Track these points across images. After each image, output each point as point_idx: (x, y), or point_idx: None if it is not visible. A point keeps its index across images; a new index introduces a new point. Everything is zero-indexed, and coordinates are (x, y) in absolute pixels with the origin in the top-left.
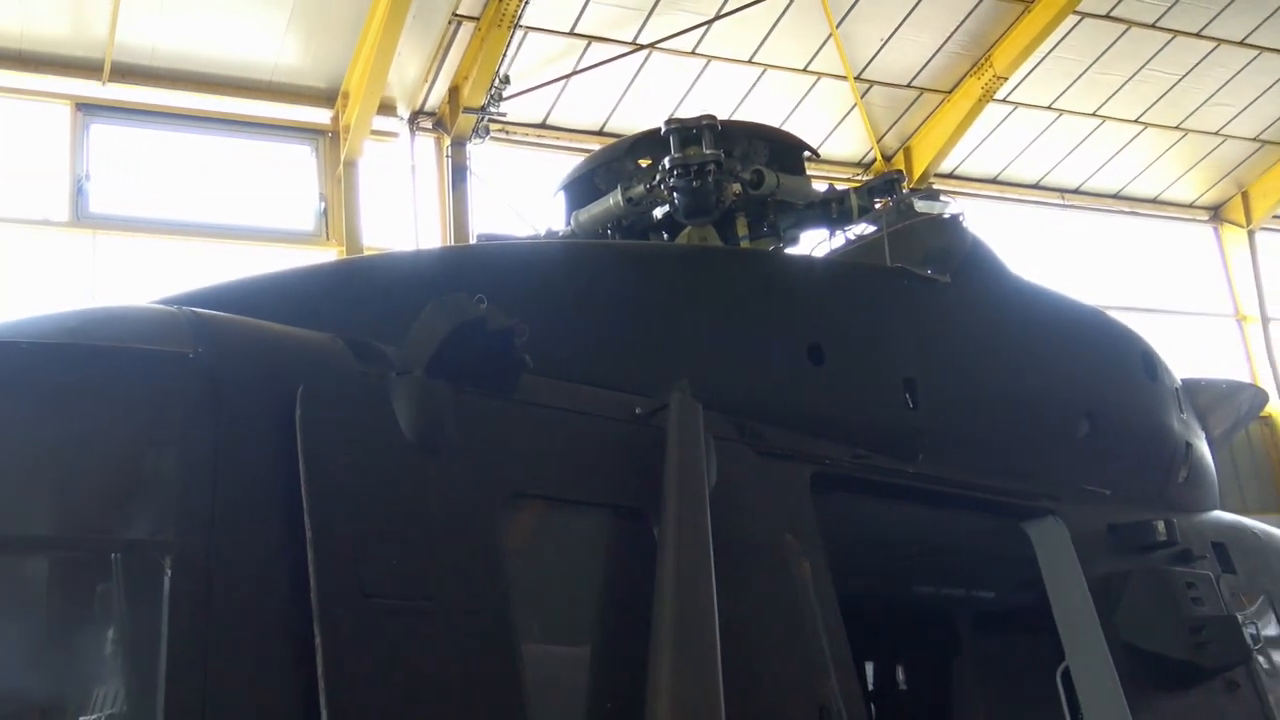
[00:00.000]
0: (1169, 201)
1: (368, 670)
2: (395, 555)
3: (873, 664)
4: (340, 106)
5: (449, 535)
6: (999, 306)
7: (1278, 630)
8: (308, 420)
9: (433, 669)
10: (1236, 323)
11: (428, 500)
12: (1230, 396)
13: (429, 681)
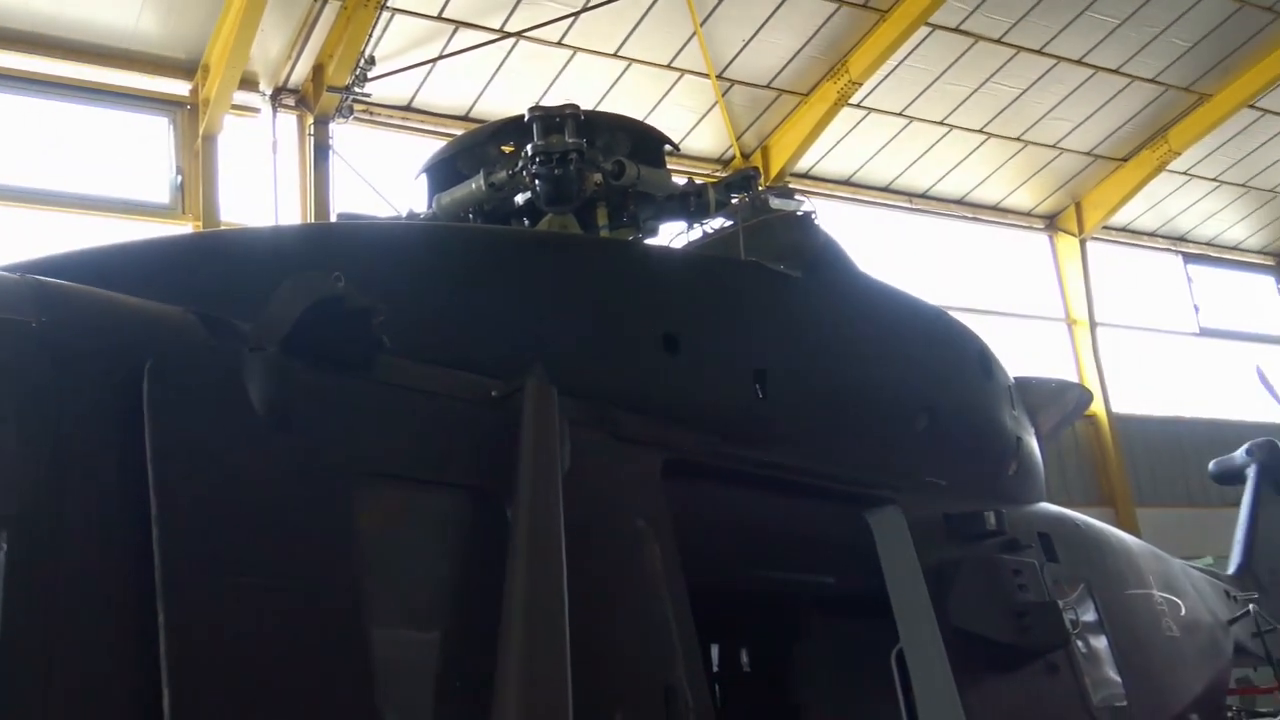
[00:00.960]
0: (1008, 209)
1: (212, 648)
2: (242, 533)
3: (718, 647)
4: (200, 79)
5: (299, 514)
6: (848, 303)
7: (1095, 616)
8: (155, 394)
9: (278, 647)
10: (1067, 326)
11: (278, 479)
12: (1059, 395)
13: (274, 659)
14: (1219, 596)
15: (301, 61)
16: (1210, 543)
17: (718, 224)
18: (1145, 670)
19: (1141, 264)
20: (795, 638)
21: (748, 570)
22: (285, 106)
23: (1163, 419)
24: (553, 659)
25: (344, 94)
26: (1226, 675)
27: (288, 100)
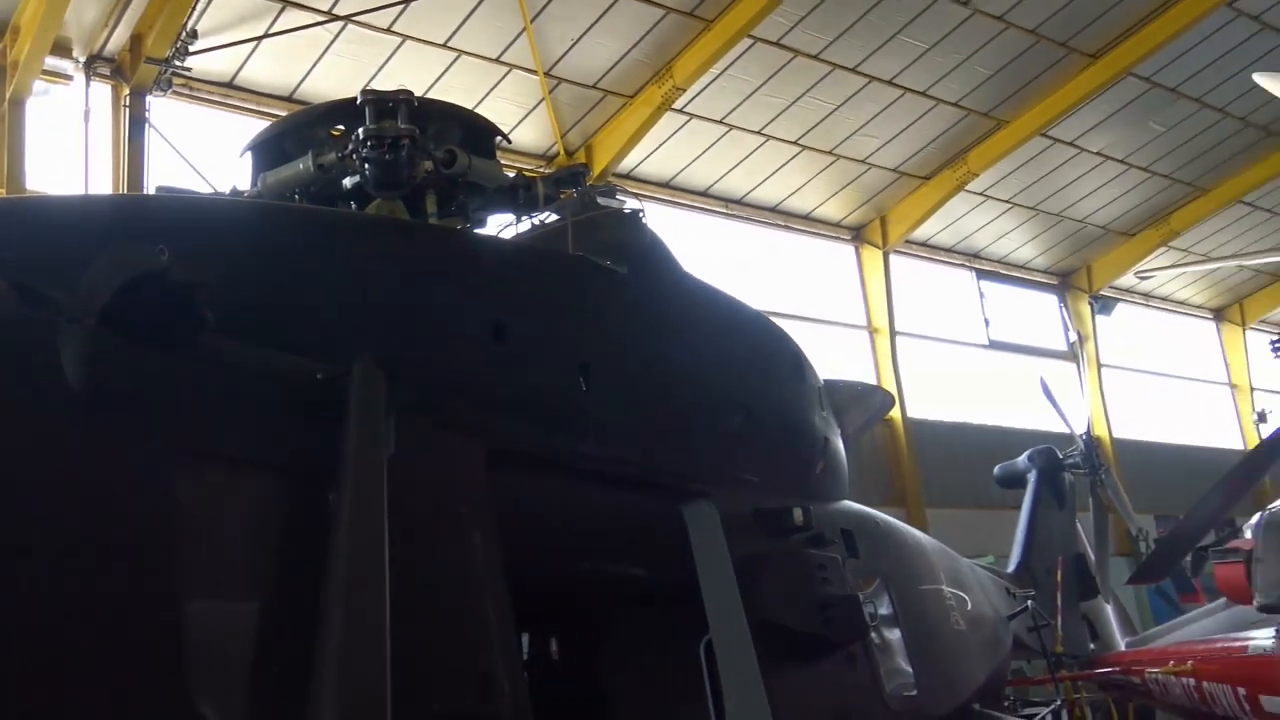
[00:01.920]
0: (819, 219)
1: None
2: (54, 510)
3: (534, 635)
4: (9, 41)
5: (113, 492)
6: (671, 301)
7: (890, 610)
8: None
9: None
10: (869, 333)
11: (93, 455)
12: (864, 398)
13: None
14: (1001, 593)
15: (119, 30)
16: (993, 543)
17: (546, 218)
18: (934, 661)
19: (938, 278)
20: (608, 627)
21: (565, 560)
22: (100, 75)
23: (953, 425)
24: (371, 645)
25: (163, 66)
26: (1006, 667)
27: (103, 69)
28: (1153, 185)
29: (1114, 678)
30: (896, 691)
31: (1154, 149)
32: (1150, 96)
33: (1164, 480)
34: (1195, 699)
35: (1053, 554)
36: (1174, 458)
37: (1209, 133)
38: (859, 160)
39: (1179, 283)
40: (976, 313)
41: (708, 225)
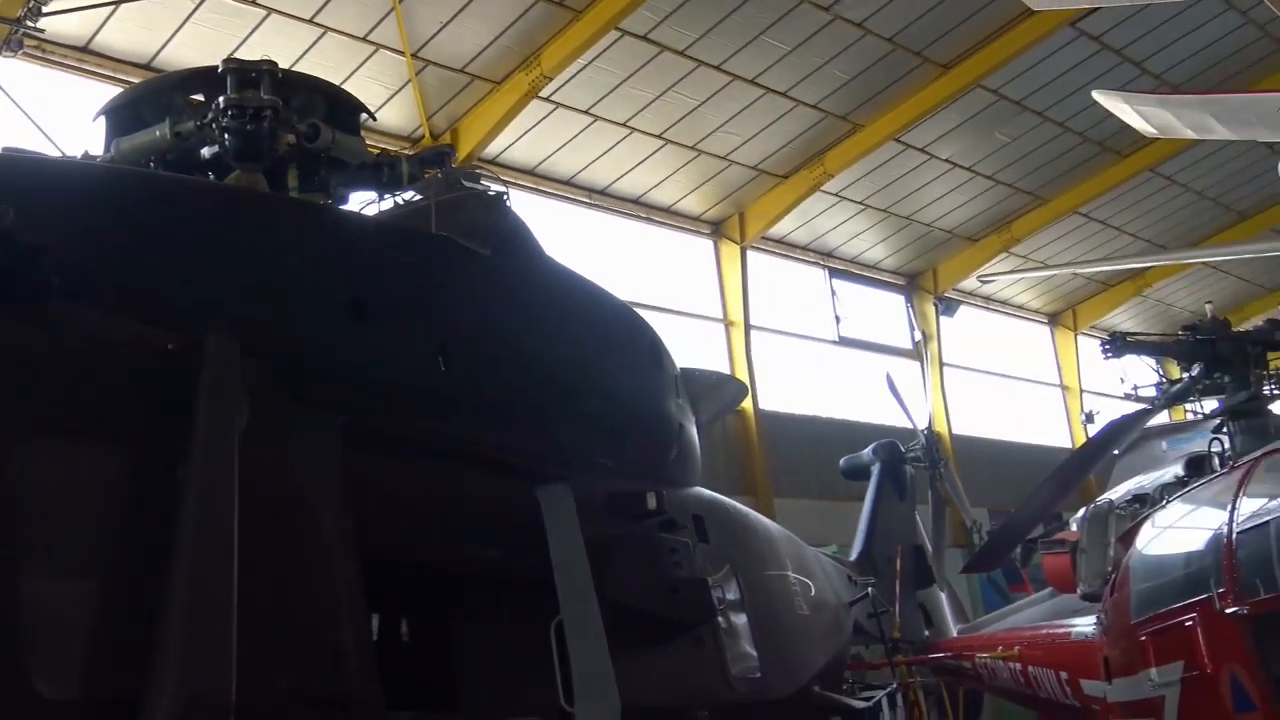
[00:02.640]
0: (679, 213)
1: None
2: None
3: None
4: None
5: None
6: (533, 285)
7: (738, 594)
8: None
9: None
10: (724, 326)
11: None
12: (718, 387)
13: None
14: (843, 580)
15: None
16: (837, 533)
17: (409, 198)
18: (779, 644)
19: (793, 275)
20: (459, 608)
21: (419, 540)
22: None
23: (803, 418)
24: (216, 621)
25: (14, 26)
26: (846, 651)
27: None
28: (997, 193)
29: (946, 663)
30: (741, 673)
31: (999, 158)
32: (997, 108)
33: (998, 476)
34: (1021, 682)
35: (893, 544)
36: (1008, 454)
37: (1050, 145)
38: (720, 157)
39: (1018, 287)
40: (828, 310)
41: (570, 214)
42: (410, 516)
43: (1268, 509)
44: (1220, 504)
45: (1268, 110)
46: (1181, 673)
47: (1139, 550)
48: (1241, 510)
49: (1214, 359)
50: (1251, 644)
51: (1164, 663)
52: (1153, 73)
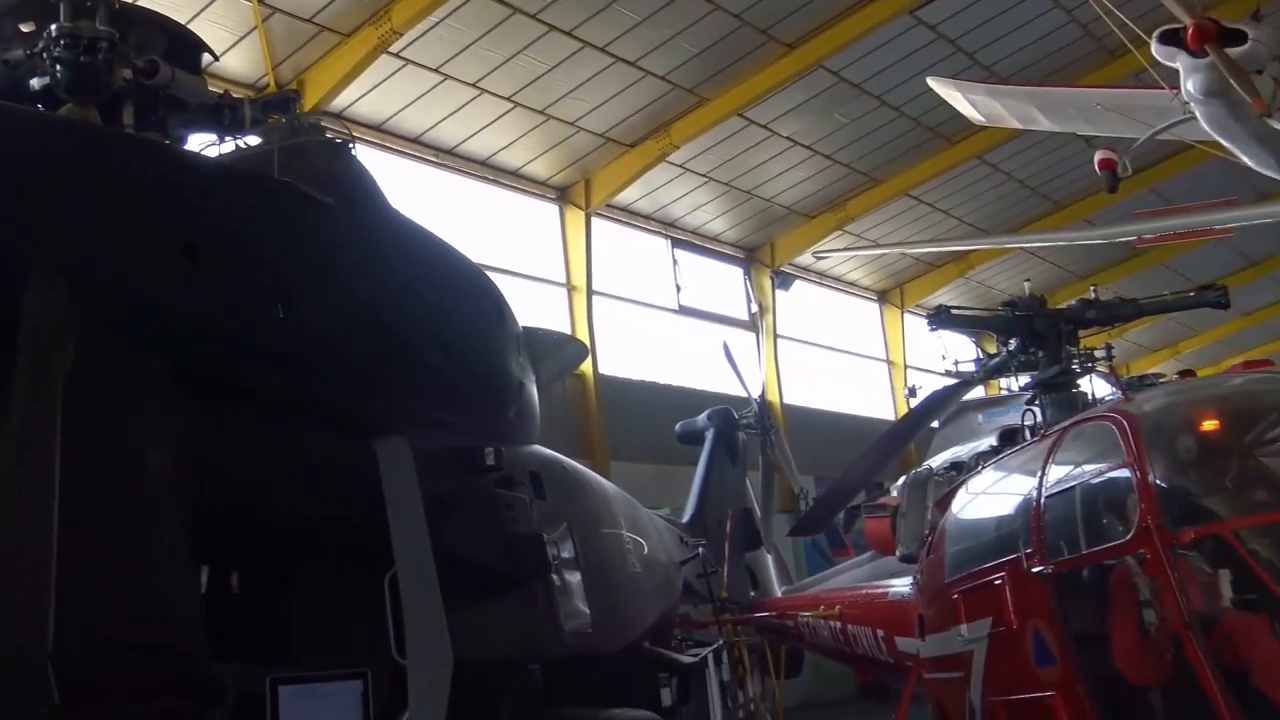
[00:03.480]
0: (526, 176)
1: None
2: None
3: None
4: None
5: None
6: (377, 236)
7: (572, 551)
8: None
9: None
10: (567, 291)
11: None
12: (559, 348)
13: None
14: (675, 541)
15: None
16: (671, 497)
17: (252, 143)
18: (610, 600)
19: (636, 243)
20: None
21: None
22: None
23: (641, 384)
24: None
25: None
26: (676, 608)
27: None
28: (834, 172)
29: (770, 621)
30: (574, 627)
31: (837, 139)
32: (837, 89)
33: (826, 445)
34: (840, 640)
35: (724, 507)
36: (835, 425)
37: (886, 128)
38: (568, 122)
39: (850, 265)
40: (669, 279)
41: (417, 173)
42: (245, 466)
43: (1073, 475)
44: (1030, 471)
45: (1087, 105)
46: (989, 628)
47: (954, 514)
48: (1049, 476)
49: (1030, 334)
50: (1054, 601)
51: (973, 619)
52: (983, 64)
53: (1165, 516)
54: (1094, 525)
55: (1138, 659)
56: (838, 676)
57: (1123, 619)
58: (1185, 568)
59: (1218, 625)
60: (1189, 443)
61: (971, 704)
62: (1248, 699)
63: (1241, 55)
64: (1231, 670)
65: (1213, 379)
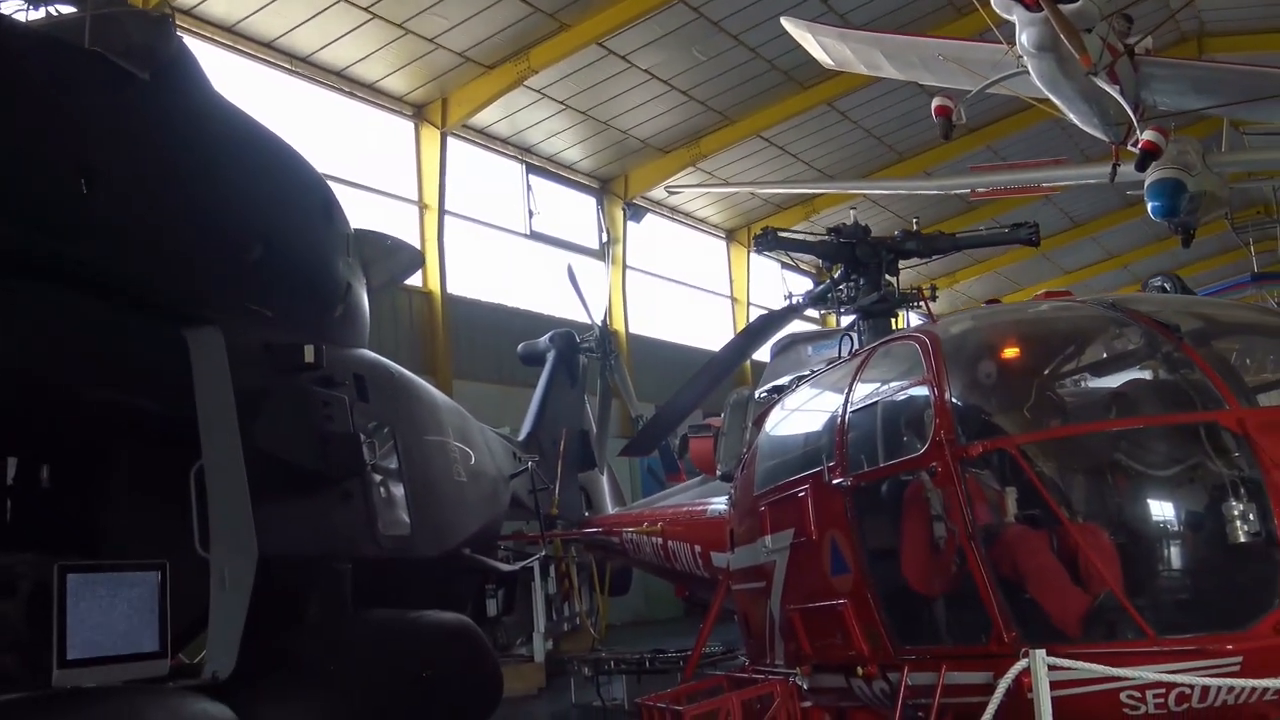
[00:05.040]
0: (382, 91)
1: None
2: None
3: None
4: None
5: None
6: (195, 118)
7: (394, 454)
8: None
9: None
10: (419, 209)
11: None
12: (394, 252)
13: None
14: (507, 455)
15: None
16: (513, 416)
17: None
18: (431, 506)
19: (491, 166)
20: (98, 450)
21: (57, 376)
22: None
23: (489, 305)
24: None
25: None
26: (501, 520)
27: None
28: (690, 109)
29: (597, 538)
30: (390, 530)
31: (694, 75)
32: (697, 25)
33: (667, 375)
34: (661, 556)
35: (560, 427)
36: (678, 356)
37: (741, 68)
38: (427, 39)
39: (701, 201)
40: (522, 204)
41: (269, 79)
42: (46, 351)
43: (877, 392)
44: (838, 388)
45: (929, 54)
46: (791, 539)
47: (767, 431)
48: (855, 393)
49: (853, 262)
50: (852, 513)
51: (777, 530)
52: (838, 11)
53: (958, 432)
54: (893, 440)
55: (926, 569)
56: (665, 596)
57: (914, 530)
58: (974, 482)
59: (999, 538)
60: (986, 363)
61: (771, 613)
62: (1022, 609)
63: (1073, 12)
64: (1009, 581)
65: (1014, 305)
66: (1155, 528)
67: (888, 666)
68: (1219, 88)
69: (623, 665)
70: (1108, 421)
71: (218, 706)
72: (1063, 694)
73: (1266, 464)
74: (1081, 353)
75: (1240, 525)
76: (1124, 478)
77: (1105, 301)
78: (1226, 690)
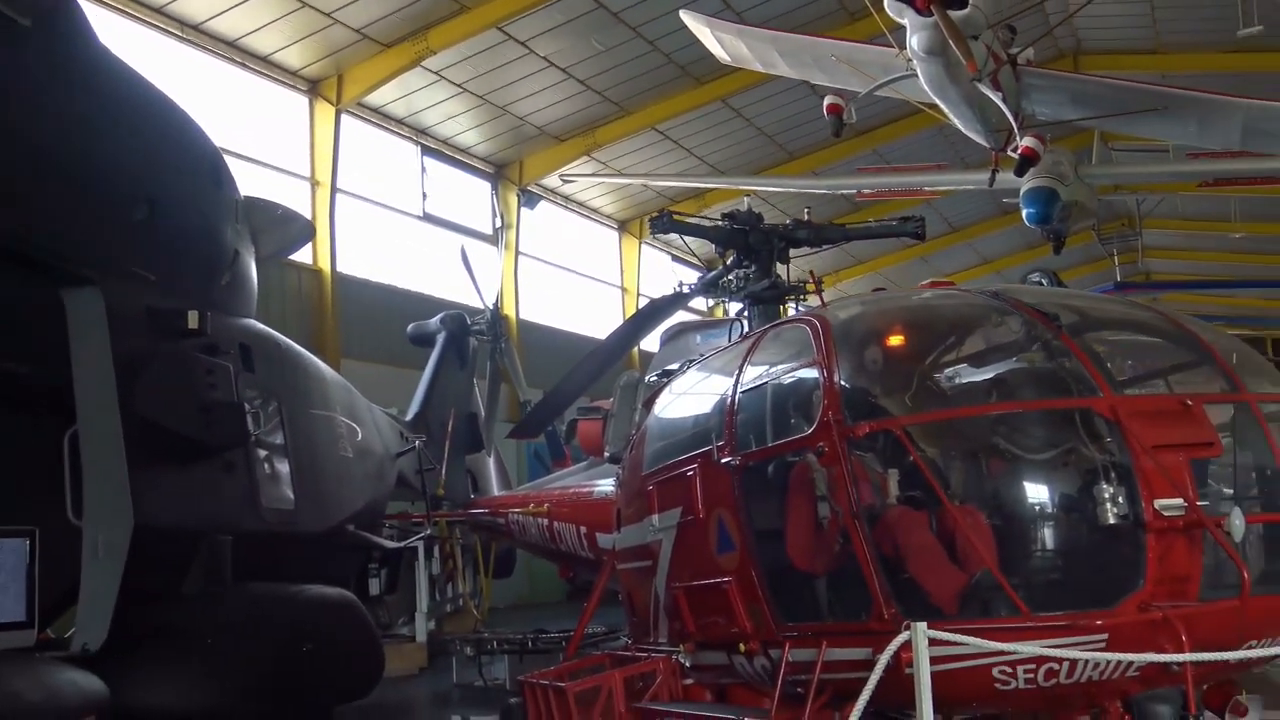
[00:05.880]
0: (277, 64)
1: None
2: None
3: None
4: None
5: None
6: (79, 69)
7: (279, 426)
8: None
9: None
10: (311, 186)
11: None
12: (284, 222)
13: None
14: (394, 434)
15: None
16: (402, 397)
17: None
18: (316, 480)
19: (386, 146)
20: None
21: None
22: None
23: (380, 285)
24: None
25: None
26: (386, 498)
27: None
28: (587, 98)
29: (483, 519)
30: (272, 504)
31: (593, 65)
32: (597, 15)
33: (556, 362)
34: (547, 537)
35: (448, 409)
36: (568, 343)
37: (639, 60)
38: (324, 13)
39: (595, 191)
40: (416, 185)
41: (159, 45)
42: None
43: (767, 374)
44: (729, 371)
45: (822, 54)
46: (679, 518)
47: (656, 412)
48: (745, 375)
49: (746, 248)
50: (739, 491)
51: (665, 509)
52: (735, 9)
53: (845, 413)
54: (782, 420)
55: (810, 547)
56: (549, 579)
57: (800, 509)
58: (859, 463)
59: (882, 517)
60: (874, 347)
61: (656, 592)
62: (902, 586)
63: (961, 20)
64: (890, 559)
65: (900, 293)
66: (1031, 509)
67: (770, 643)
68: (1092, 101)
69: (505, 645)
70: (989, 405)
71: (87, 677)
72: (938, 669)
73: (1136, 449)
74: (965, 339)
75: (1110, 508)
76: (1003, 460)
77: (988, 291)
78: (1092, 666)
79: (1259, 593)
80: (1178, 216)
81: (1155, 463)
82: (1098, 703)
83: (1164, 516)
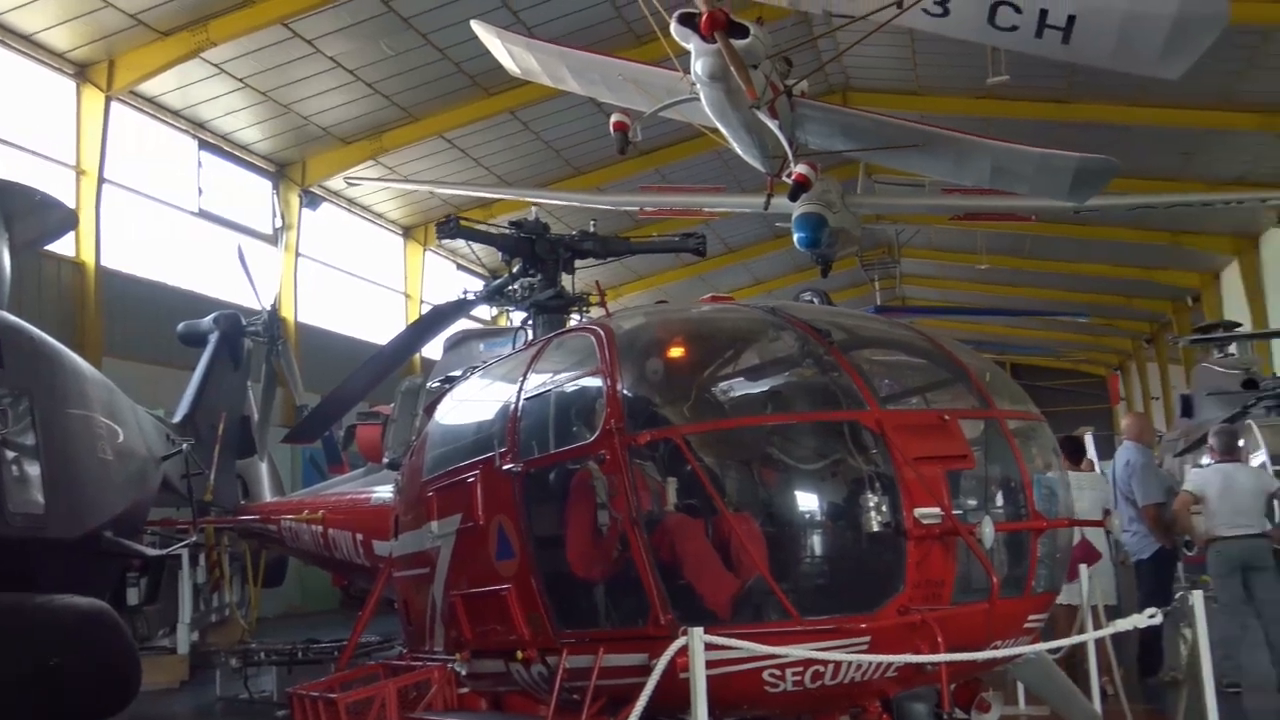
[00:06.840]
0: (42, 44)
1: None
2: None
3: None
4: None
5: None
6: None
7: (29, 426)
8: None
9: None
10: (75, 174)
11: None
12: (42, 209)
13: None
14: (159, 436)
15: None
16: (169, 398)
17: None
18: (70, 484)
19: (160, 137)
20: None
21: None
22: None
23: (148, 282)
24: None
25: None
26: (148, 503)
27: None
28: (374, 102)
29: (253, 526)
30: (20, 508)
31: (381, 69)
32: (386, 19)
33: (335, 366)
34: (321, 545)
35: (220, 411)
36: (348, 349)
37: (428, 68)
38: None
39: (380, 195)
40: (192, 181)
41: None
42: None
43: (551, 381)
44: (512, 378)
45: (610, 73)
46: (458, 525)
47: (437, 418)
48: (529, 382)
49: (532, 257)
50: (520, 499)
51: (444, 516)
52: (526, 23)
53: (627, 421)
54: (565, 428)
55: (590, 554)
56: (320, 588)
57: (580, 516)
58: (639, 471)
59: (660, 524)
60: (655, 356)
61: (434, 599)
62: (679, 592)
63: (743, 48)
64: (668, 566)
65: (683, 305)
66: (801, 516)
67: (547, 650)
68: (859, 134)
69: (273, 656)
70: (764, 416)
71: None
72: (712, 673)
73: (898, 461)
74: (744, 352)
75: (874, 516)
76: (776, 470)
77: (766, 307)
78: (855, 668)
79: (1005, 596)
80: (931, 247)
81: (916, 473)
82: (858, 703)
83: (922, 524)
